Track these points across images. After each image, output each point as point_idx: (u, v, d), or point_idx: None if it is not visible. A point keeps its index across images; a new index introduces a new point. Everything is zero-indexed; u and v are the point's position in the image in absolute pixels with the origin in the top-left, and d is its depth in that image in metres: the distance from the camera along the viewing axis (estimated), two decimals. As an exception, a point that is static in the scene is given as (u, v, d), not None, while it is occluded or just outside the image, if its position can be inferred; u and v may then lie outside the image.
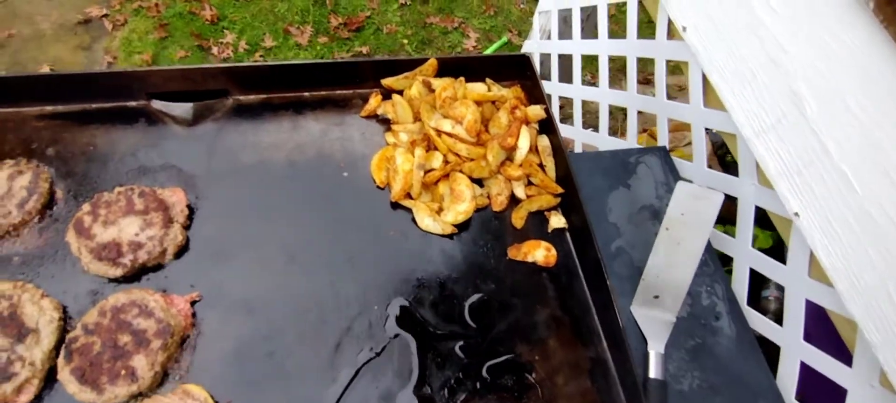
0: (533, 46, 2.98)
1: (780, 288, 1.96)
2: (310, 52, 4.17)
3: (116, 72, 1.45)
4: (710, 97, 1.84)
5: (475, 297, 1.36)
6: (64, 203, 1.36)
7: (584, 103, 2.54)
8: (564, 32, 2.74)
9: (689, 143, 2.84)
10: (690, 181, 1.93)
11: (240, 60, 4.08)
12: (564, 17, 2.71)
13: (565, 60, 2.70)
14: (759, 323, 1.70)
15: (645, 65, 2.33)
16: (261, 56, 4.10)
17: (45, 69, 3.89)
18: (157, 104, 1.52)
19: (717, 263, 1.81)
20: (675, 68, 4.06)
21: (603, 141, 2.39)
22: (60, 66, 3.97)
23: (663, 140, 2.13)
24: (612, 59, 2.33)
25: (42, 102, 1.47)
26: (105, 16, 4.23)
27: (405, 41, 4.31)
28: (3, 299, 1.17)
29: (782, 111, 1.53)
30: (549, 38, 2.84)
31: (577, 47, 2.56)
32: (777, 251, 1.87)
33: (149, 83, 1.48)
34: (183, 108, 1.52)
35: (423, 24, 4.43)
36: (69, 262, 1.28)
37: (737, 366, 1.58)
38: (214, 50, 4.13)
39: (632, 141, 2.32)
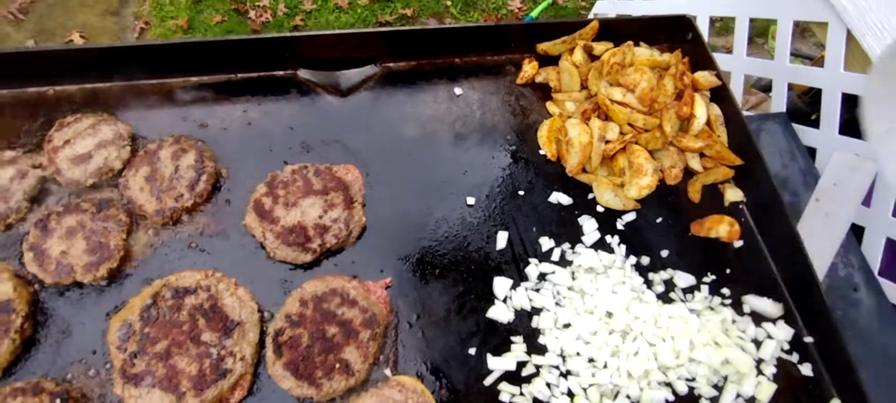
0: (607, 7, 2.86)
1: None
2: (351, 15, 3.99)
3: (267, 38, 1.33)
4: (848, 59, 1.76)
5: (666, 274, 1.30)
6: (230, 183, 1.26)
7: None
8: (650, -8, 2.62)
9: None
10: (815, 148, 1.86)
11: (280, 24, 3.89)
12: (651, -24, 2.59)
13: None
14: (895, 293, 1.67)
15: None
16: (302, 19, 3.92)
17: (75, 36, 3.67)
18: (304, 73, 1.41)
19: (850, 234, 1.77)
20: (723, 28, 3.97)
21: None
22: (89, 32, 3.75)
23: (780, 106, 2.05)
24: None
25: (184, 73, 1.35)
26: (133, -23, 3.98)
27: (449, 3, 4.14)
28: (201, 291, 1.07)
29: (959, 76, 1.46)
30: (629, -4, 2.71)
31: (670, 6, 2.44)
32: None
33: (301, 50, 1.37)
34: (332, 77, 1.41)
35: (466, -16, 4.25)
36: (251, 248, 1.19)
37: (879, 338, 1.55)
38: (252, 14, 3.92)
39: (736, 107, 2.24)
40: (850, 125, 2.18)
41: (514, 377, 1.14)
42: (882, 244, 1.70)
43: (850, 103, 1.85)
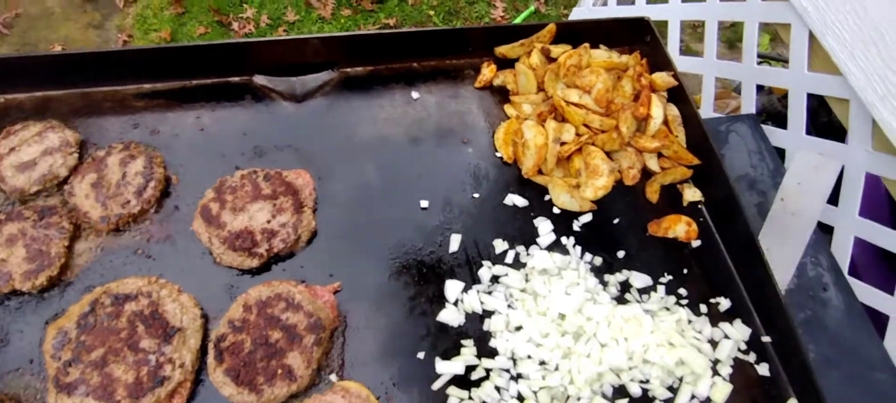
0: (584, 13, 2.87)
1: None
2: (334, 26, 4.00)
3: (221, 44, 1.33)
4: (812, 60, 1.77)
5: (622, 276, 1.29)
6: (180, 189, 1.25)
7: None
8: (623, -2, 2.63)
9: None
10: (783, 149, 1.86)
11: (263, 35, 3.90)
12: (625, -19, 2.60)
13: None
14: (866, 293, 1.66)
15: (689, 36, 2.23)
16: (284, 30, 3.93)
17: (57, 49, 3.68)
18: (260, 79, 1.40)
19: (818, 233, 1.76)
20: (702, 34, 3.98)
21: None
22: (71, 45, 3.76)
23: (749, 108, 2.05)
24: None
25: (139, 80, 1.35)
26: (115, -9, 4.00)
27: (431, 12, 4.15)
28: (142, 297, 1.06)
29: (917, 73, 1.47)
30: (605, 3, 2.73)
31: (643, 12, 2.46)
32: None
33: (256, 56, 1.36)
34: (288, 83, 1.41)
35: (448, -6, 4.27)
36: (198, 254, 1.18)
37: (849, 338, 1.54)
38: (235, 25, 3.94)
39: (708, 111, 2.24)
40: (830, 128, 2.17)
41: (464, 381, 1.13)
42: (851, 243, 1.70)
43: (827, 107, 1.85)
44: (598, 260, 1.30)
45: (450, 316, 1.18)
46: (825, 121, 1.89)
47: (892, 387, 1.48)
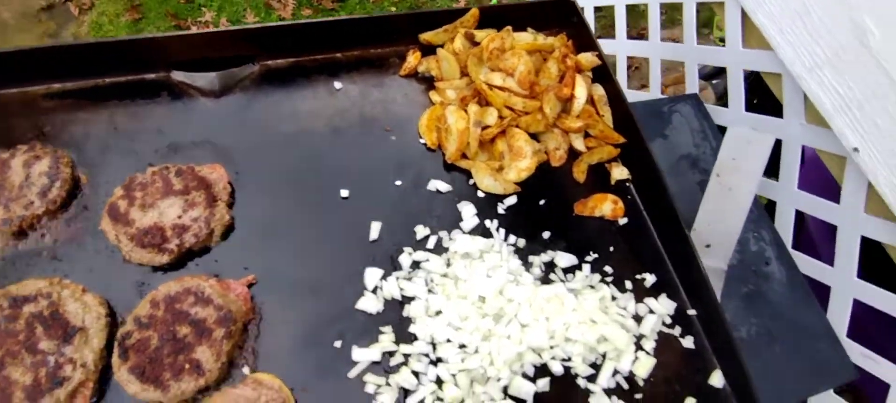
0: None
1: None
2: (294, 27, 3.97)
3: (131, 39, 1.30)
4: (747, 37, 1.78)
5: (547, 256, 1.28)
6: (90, 189, 1.22)
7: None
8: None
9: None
10: (726, 127, 1.87)
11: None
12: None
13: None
14: (808, 265, 1.67)
15: (636, 20, 2.24)
16: (243, 34, 3.89)
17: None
18: (177, 75, 1.38)
19: (760, 207, 1.77)
20: (668, 19, 4.00)
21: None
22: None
23: (693, 88, 2.06)
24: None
25: (48, 80, 1.32)
26: (69, 0, 3.94)
27: (393, 8, 4.14)
28: (42, 298, 1.04)
29: (840, 44, 1.48)
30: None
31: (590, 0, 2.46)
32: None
33: (169, 52, 1.34)
34: (207, 79, 1.39)
35: (409, -9, 4.26)
36: (107, 253, 1.15)
37: (792, 311, 1.55)
38: (193, 29, 3.90)
39: (655, 92, 2.25)
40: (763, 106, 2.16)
41: (382, 368, 1.11)
42: (792, 217, 1.71)
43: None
44: (523, 242, 1.29)
45: (368, 304, 1.17)
46: (756, 102, 1.89)
47: (833, 355, 1.50)
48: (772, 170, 1.72)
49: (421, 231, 1.27)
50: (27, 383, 0.96)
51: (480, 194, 1.34)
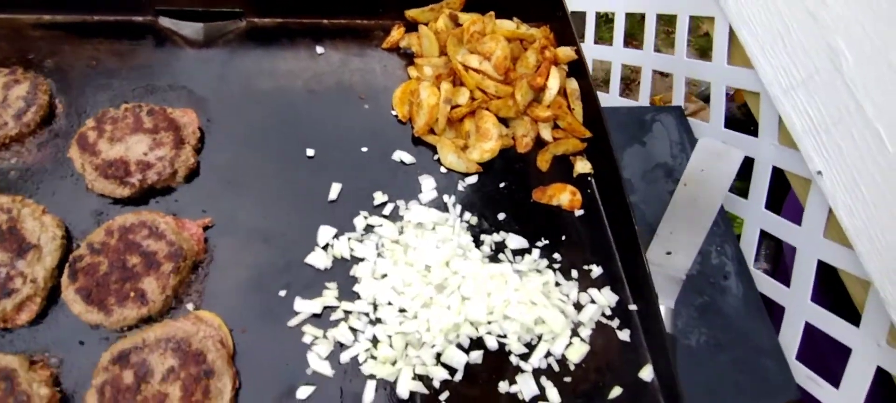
0: (540, 3, 2.90)
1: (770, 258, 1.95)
2: None
3: (124, -20, 1.35)
4: (733, 55, 1.80)
5: (499, 237, 1.31)
6: (64, 118, 1.27)
7: (595, 62, 2.48)
8: (576, -11, 2.66)
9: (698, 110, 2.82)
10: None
11: None
12: (576, -28, 2.63)
13: (576, 18, 2.63)
14: (766, 283, 1.69)
15: (633, 26, 2.25)
16: None
17: None
18: (165, 21, 1.42)
19: (727, 223, 1.80)
20: (660, 31, 4.01)
21: (613, 101, 2.34)
22: None
23: (679, 100, 2.09)
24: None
25: (39, 10, 1.36)
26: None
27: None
28: (2, 212, 1.08)
29: (815, 66, 1.50)
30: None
31: (592, 4, 2.49)
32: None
33: (160, -4, 1.38)
34: (193, 28, 1.43)
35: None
36: (71, 180, 1.20)
37: (743, 325, 1.58)
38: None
39: (644, 101, 2.27)
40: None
41: (322, 321, 1.15)
42: (757, 235, 1.73)
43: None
44: (477, 221, 1.32)
45: (317, 259, 1.21)
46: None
47: (778, 373, 1.52)
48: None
49: (379, 197, 1.31)
50: (-24, 289, 1.01)
51: (443, 170, 1.38)
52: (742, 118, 2.31)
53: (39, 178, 1.19)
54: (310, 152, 1.33)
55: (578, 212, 1.39)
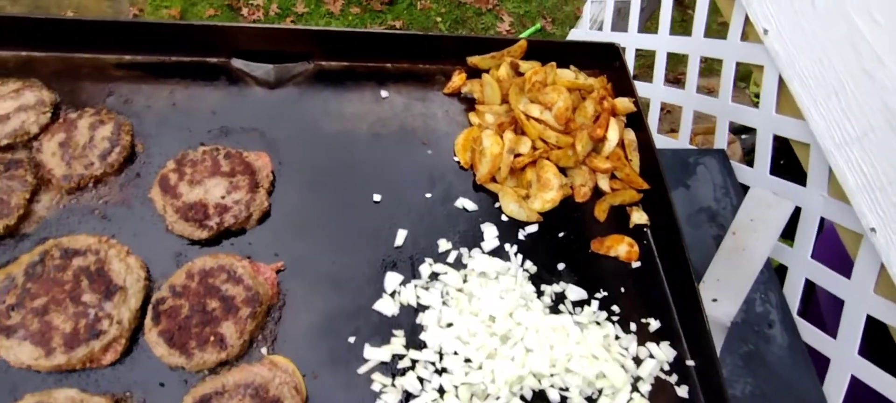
0: (580, 36, 2.93)
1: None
2: (341, 21, 4.09)
3: (201, 24, 1.40)
4: (781, 103, 1.82)
5: (559, 287, 1.34)
6: (144, 158, 1.31)
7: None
8: (618, 24, 2.69)
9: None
10: (749, 186, 1.91)
11: (271, 23, 3.99)
12: (619, 9, 2.66)
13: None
14: (811, 334, 1.70)
15: (675, 65, 2.26)
16: (292, 21, 4.01)
17: (69, 14, 3.78)
18: (237, 63, 1.47)
19: (772, 271, 1.81)
20: (707, 68, 4.03)
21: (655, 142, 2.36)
22: (84, 13, 3.86)
23: (721, 143, 2.10)
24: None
25: (120, 50, 1.41)
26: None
27: (438, 19, 4.23)
28: (90, 254, 1.12)
29: (870, 124, 1.51)
30: (600, 28, 2.79)
31: (633, 41, 2.51)
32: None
33: (234, 40, 1.43)
34: (264, 69, 1.47)
35: (457, 3, 4.35)
36: (151, 220, 1.24)
37: (788, 375, 1.58)
38: (245, 11, 4.03)
39: (684, 141, 2.29)
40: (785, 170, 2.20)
41: (390, 369, 1.18)
42: (801, 284, 1.74)
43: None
44: (537, 270, 1.35)
45: (385, 306, 1.24)
46: (783, 163, 1.93)
47: (822, 428, 1.53)
48: (788, 232, 1.76)
49: (443, 244, 1.34)
50: (67, 330, 1.05)
51: (504, 218, 1.41)
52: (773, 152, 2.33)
53: (122, 218, 1.23)
54: (376, 197, 1.37)
55: (635, 264, 1.41)
